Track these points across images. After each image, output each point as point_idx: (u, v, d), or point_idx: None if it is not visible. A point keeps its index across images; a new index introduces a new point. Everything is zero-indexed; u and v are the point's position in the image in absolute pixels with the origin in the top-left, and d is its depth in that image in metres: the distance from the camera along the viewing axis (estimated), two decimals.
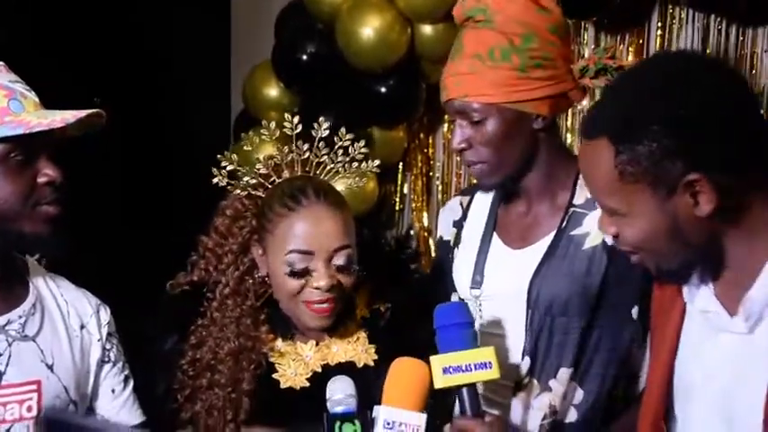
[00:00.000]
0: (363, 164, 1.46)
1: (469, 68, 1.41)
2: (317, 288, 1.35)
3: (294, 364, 1.41)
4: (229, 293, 1.40)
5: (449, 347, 1.26)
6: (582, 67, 1.49)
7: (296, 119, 1.42)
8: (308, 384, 1.39)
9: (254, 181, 1.41)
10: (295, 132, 1.41)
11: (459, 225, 1.62)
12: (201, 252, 1.46)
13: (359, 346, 1.44)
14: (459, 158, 2.97)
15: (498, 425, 1.28)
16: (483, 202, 1.60)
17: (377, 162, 1.47)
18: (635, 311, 1.45)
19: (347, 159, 1.44)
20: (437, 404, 1.31)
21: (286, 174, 1.42)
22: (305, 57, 2.67)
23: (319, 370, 1.41)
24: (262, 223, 1.41)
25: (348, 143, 1.44)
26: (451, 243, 1.62)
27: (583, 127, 1.15)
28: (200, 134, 2.84)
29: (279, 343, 1.43)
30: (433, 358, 1.26)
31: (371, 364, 1.42)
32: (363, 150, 1.45)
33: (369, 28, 2.55)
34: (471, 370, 1.25)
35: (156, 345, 1.41)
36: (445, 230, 1.65)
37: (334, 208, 1.37)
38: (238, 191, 1.43)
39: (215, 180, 1.42)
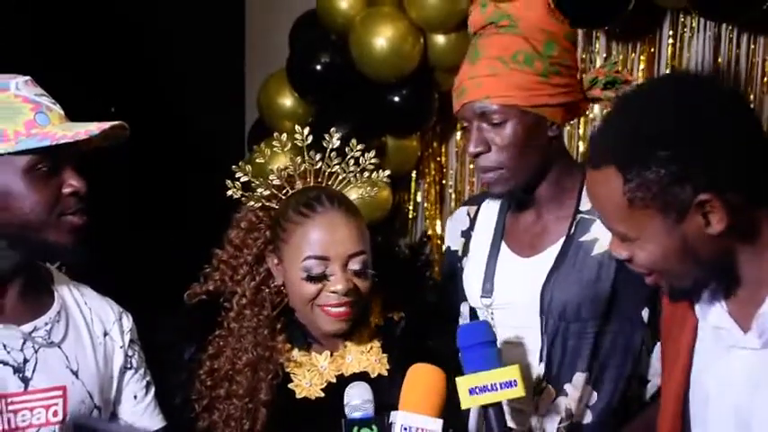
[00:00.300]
0: (374, 174, 1.49)
1: (491, 70, 1.42)
2: (333, 292, 1.37)
3: (309, 375, 1.43)
4: (246, 304, 1.43)
5: (474, 367, 1.28)
6: (592, 78, 1.52)
7: (306, 130, 1.46)
8: (323, 395, 1.41)
9: (267, 192, 1.44)
10: (306, 144, 1.44)
11: (467, 235, 1.64)
12: (216, 264, 1.49)
13: (372, 355, 1.45)
14: (471, 166, 2.99)
15: None
16: (491, 212, 1.62)
17: (387, 172, 1.50)
18: (645, 314, 1.47)
19: (358, 169, 1.47)
20: (450, 413, 1.32)
21: (299, 184, 1.45)
22: (319, 67, 2.69)
23: (334, 380, 1.43)
24: (276, 233, 1.43)
25: (359, 153, 1.47)
26: (460, 253, 1.64)
27: (589, 156, 1.15)
28: (215, 144, 2.87)
29: (295, 353, 1.45)
30: (459, 379, 1.28)
31: (385, 373, 1.44)
32: (374, 161, 1.48)
33: (382, 38, 2.58)
34: (497, 389, 1.27)
35: (175, 354, 1.43)
36: (453, 240, 1.67)
37: (348, 215, 1.40)
38: (252, 202, 1.45)
39: (229, 192, 1.44)
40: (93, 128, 1.24)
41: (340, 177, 1.47)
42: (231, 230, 1.49)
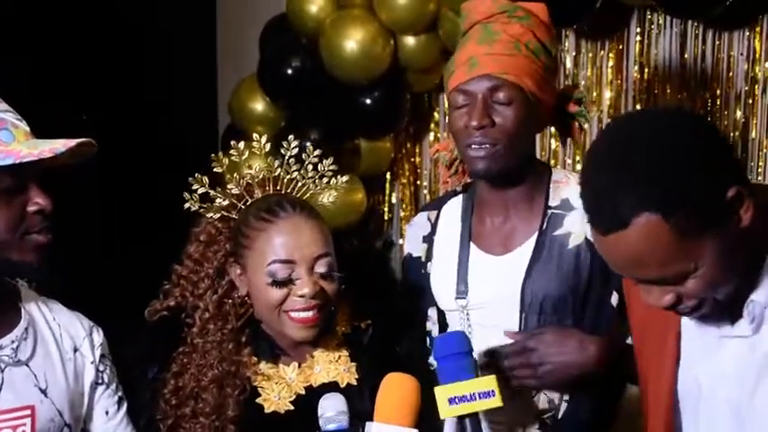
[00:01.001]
0: (333, 180, 1.49)
1: (507, 51, 1.45)
2: (301, 296, 1.36)
3: (277, 388, 1.41)
4: (209, 318, 1.41)
5: (451, 378, 1.28)
6: (565, 93, 1.58)
7: (263, 138, 1.46)
8: (292, 408, 1.40)
9: (226, 202, 1.42)
10: (264, 152, 1.44)
11: (429, 240, 1.64)
12: (176, 280, 1.46)
13: (341, 365, 1.44)
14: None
15: None
16: (452, 215, 1.63)
17: (345, 178, 1.51)
18: (614, 299, 1.50)
19: (317, 175, 1.47)
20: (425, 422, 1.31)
21: (258, 193, 1.44)
22: (290, 71, 2.69)
23: (303, 392, 1.42)
24: (239, 241, 1.41)
25: (316, 159, 1.47)
26: (423, 258, 1.64)
27: (599, 224, 1.06)
28: (187, 150, 2.85)
29: (262, 366, 1.43)
30: (438, 389, 1.28)
31: (354, 382, 1.43)
32: (332, 167, 1.48)
33: (352, 41, 2.58)
34: (476, 399, 1.27)
35: (138, 374, 1.41)
36: (414, 247, 1.66)
37: (311, 218, 1.40)
38: (210, 214, 1.44)
39: (186, 205, 1.42)
40: (59, 145, 1.21)
41: (299, 184, 1.46)
42: (190, 245, 1.47)
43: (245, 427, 1.38)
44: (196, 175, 1.43)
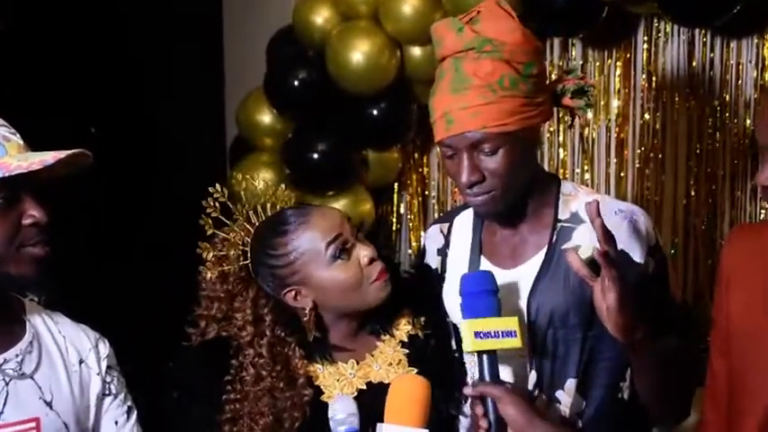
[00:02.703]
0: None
1: (483, 99, 1.39)
2: (370, 260, 1.42)
3: (339, 384, 1.43)
4: (263, 363, 1.41)
5: (478, 313, 1.32)
6: (560, 88, 1.53)
7: (239, 175, 1.55)
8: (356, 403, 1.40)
9: (232, 252, 1.46)
10: (243, 189, 1.52)
11: (443, 253, 1.64)
12: (206, 323, 1.48)
13: (400, 368, 1.46)
14: None
15: (516, 392, 1.32)
16: (464, 228, 1.62)
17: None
18: None
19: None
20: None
21: (249, 229, 1.47)
22: (296, 83, 2.69)
23: (364, 387, 1.43)
24: (275, 271, 1.43)
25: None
26: (440, 271, 1.63)
27: None
28: (195, 163, 2.86)
29: (319, 368, 1.45)
30: (465, 322, 1.31)
31: None
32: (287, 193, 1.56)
33: (358, 52, 2.58)
34: (499, 336, 1.30)
35: (184, 416, 1.41)
36: (431, 259, 1.66)
37: (318, 206, 1.50)
38: (209, 275, 1.45)
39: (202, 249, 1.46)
40: (49, 158, 1.21)
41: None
42: (206, 308, 1.48)
43: (312, 424, 1.38)
44: (216, 186, 1.48)
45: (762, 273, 1.26)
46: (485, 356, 1.31)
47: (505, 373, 1.45)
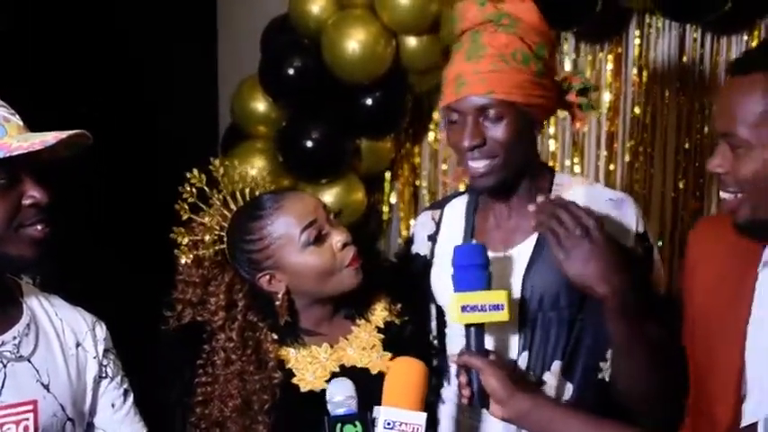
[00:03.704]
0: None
1: (494, 66, 1.45)
2: (344, 245, 1.43)
3: (312, 367, 1.45)
4: (233, 347, 1.43)
5: (467, 286, 1.35)
6: (566, 84, 1.57)
7: (217, 161, 1.53)
8: (327, 386, 1.41)
9: (207, 237, 1.48)
10: (221, 175, 1.52)
11: (433, 239, 1.66)
12: (182, 307, 1.49)
13: (374, 353, 1.48)
14: (445, 167, 3.02)
15: (499, 363, 1.36)
16: (455, 214, 1.65)
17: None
18: None
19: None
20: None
21: (227, 214, 1.49)
22: (291, 71, 2.68)
23: (337, 370, 1.45)
24: (250, 255, 1.45)
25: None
26: (429, 257, 1.66)
27: (736, 63, 1.20)
28: (187, 150, 2.85)
29: (291, 351, 1.47)
30: (453, 295, 1.35)
31: (386, 371, 1.44)
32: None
33: (354, 41, 2.59)
34: (486, 310, 1.34)
35: (160, 395, 1.43)
36: (420, 246, 1.68)
37: (294, 191, 1.50)
38: (183, 258, 1.47)
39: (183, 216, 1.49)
40: (50, 138, 1.21)
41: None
42: (181, 291, 1.49)
43: (283, 406, 1.40)
44: (193, 172, 1.50)
45: (721, 261, 1.30)
46: (472, 328, 1.35)
47: (494, 348, 1.47)
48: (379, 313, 1.54)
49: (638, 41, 2.71)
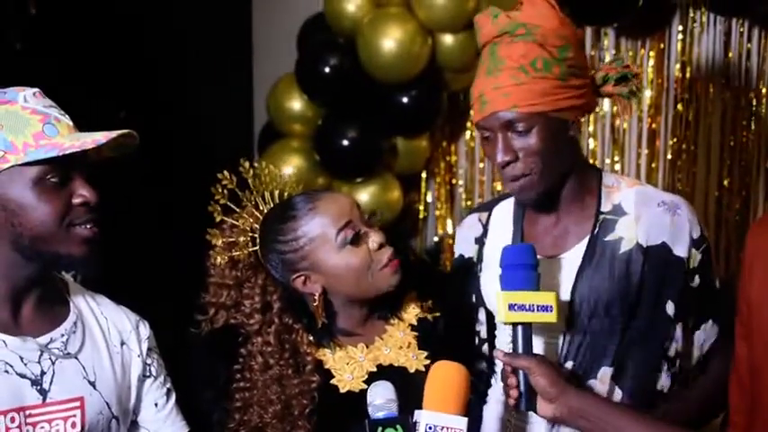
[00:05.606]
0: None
1: (515, 80, 1.42)
2: (380, 245, 1.42)
3: (349, 368, 1.44)
4: (271, 351, 1.42)
5: (515, 286, 1.34)
6: (603, 75, 1.53)
7: (247, 163, 1.51)
8: (365, 386, 1.40)
9: (242, 239, 1.46)
10: (251, 176, 1.49)
11: (480, 242, 1.64)
12: (215, 310, 1.48)
13: (410, 351, 1.47)
14: (482, 165, 2.99)
15: (546, 365, 1.34)
16: (504, 217, 1.62)
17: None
18: (670, 309, 1.47)
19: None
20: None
21: (250, 222, 1.48)
22: (327, 69, 2.69)
23: (374, 370, 1.44)
24: (285, 257, 1.44)
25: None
26: (475, 259, 1.64)
27: None
28: (224, 148, 2.87)
29: (328, 353, 1.46)
30: (501, 294, 1.33)
31: (423, 369, 1.44)
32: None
33: (390, 40, 2.58)
34: (534, 310, 1.33)
35: (194, 399, 1.43)
36: (466, 248, 1.66)
37: (327, 191, 1.49)
38: (219, 260, 1.45)
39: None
40: (101, 137, 1.23)
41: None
42: (214, 294, 1.48)
43: (323, 408, 1.40)
44: (224, 173, 1.48)
45: None
46: (519, 328, 1.34)
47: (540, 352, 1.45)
48: (411, 311, 1.53)
49: (681, 37, 2.65)
